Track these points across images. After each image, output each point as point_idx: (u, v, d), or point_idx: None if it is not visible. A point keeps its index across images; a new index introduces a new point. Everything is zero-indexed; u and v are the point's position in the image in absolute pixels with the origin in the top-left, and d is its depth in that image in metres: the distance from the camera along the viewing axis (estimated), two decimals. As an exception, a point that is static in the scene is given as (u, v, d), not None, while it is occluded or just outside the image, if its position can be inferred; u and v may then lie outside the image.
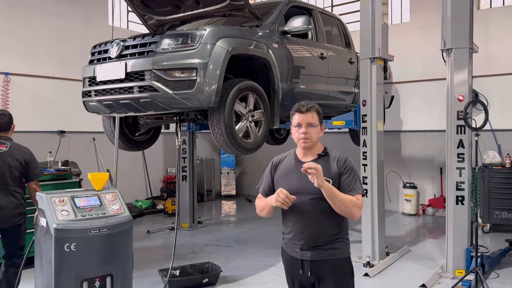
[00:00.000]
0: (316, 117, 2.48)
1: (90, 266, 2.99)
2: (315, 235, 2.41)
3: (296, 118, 2.49)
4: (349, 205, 2.32)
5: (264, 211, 2.55)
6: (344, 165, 2.44)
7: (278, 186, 2.46)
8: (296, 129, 2.49)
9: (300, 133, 2.45)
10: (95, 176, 3.38)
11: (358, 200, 2.38)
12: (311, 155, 2.50)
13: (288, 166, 2.54)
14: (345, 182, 2.40)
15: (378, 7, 5.32)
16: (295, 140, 2.51)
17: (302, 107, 2.47)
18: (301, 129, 2.46)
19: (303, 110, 2.46)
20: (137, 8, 5.04)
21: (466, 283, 4.40)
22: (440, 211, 8.22)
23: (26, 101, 7.12)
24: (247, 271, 5.10)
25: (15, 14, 7.07)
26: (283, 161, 2.60)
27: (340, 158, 2.48)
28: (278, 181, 2.53)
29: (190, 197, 7.39)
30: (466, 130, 4.75)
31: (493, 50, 7.55)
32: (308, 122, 2.45)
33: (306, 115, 2.46)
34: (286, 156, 2.63)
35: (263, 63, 4.72)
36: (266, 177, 2.66)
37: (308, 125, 2.45)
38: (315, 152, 2.51)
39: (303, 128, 2.45)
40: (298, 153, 2.57)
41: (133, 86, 4.15)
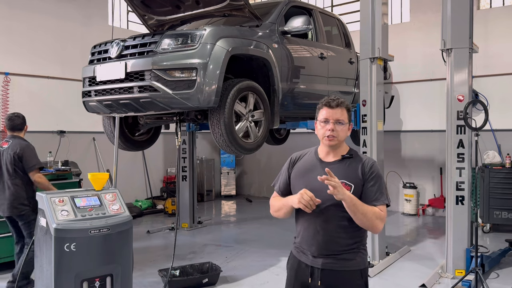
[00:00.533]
0: (346, 114, 2.26)
1: (90, 266, 2.99)
2: (328, 242, 2.20)
3: (324, 113, 2.25)
4: (371, 217, 2.11)
5: (281, 212, 2.31)
6: (370, 171, 2.22)
7: (294, 184, 2.31)
8: (322, 125, 2.25)
9: (327, 130, 2.22)
10: (95, 176, 3.38)
11: (381, 212, 2.16)
12: (334, 155, 2.28)
13: (308, 164, 2.32)
14: (369, 191, 2.18)
15: (378, 7, 5.32)
16: (320, 137, 2.28)
17: (332, 102, 2.24)
18: (328, 125, 2.22)
19: (332, 104, 2.23)
20: (137, 8, 5.04)
21: (466, 283, 4.40)
22: (440, 211, 8.22)
23: (26, 101, 7.12)
24: (247, 271, 5.10)
25: (15, 14, 7.07)
26: (302, 158, 2.38)
27: (366, 163, 2.25)
28: (295, 179, 2.33)
29: (190, 197, 7.39)
30: (466, 130, 4.75)
31: (493, 50, 7.55)
32: (337, 118, 2.22)
33: (335, 111, 2.23)
34: (306, 153, 2.40)
35: (263, 63, 4.72)
36: (283, 173, 2.44)
37: (336, 122, 2.22)
38: (339, 153, 2.29)
39: (330, 125, 2.22)
40: (320, 151, 2.34)
41: (133, 86, 4.15)
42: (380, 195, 2.19)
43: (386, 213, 2.21)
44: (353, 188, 2.16)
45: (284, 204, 2.27)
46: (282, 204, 2.30)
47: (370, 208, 2.12)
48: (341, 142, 2.27)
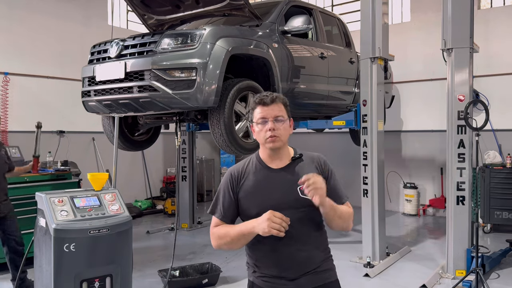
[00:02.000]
0: (284, 110, 2.00)
1: (89, 266, 2.98)
2: (306, 259, 1.94)
3: (259, 112, 1.98)
4: (348, 218, 1.97)
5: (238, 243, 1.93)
6: (326, 167, 2.03)
7: (247, 205, 1.97)
8: (260, 127, 1.97)
9: (267, 130, 1.94)
10: (94, 176, 3.37)
11: (350, 208, 2.02)
12: (281, 160, 2.00)
13: (256, 177, 1.99)
14: (333, 190, 1.97)
15: (378, 6, 5.31)
16: (260, 141, 2.00)
17: (265, 98, 1.97)
18: (267, 125, 1.95)
19: (267, 101, 1.97)
20: (137, 8, 5.03)
21: (467, 284, 4.39)
22: (441, 211, 8.21)
23: (25, 101, 7.11)
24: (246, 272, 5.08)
25: (15, 14, 7.06)
26: (246, 171, 2.03)
27: (319, 160, 2.04)
28: (247, 199, 1.97)
29: (190, 197, 7.38)
30: (466, 130, 4.74)
31: (494, 50, 7.54)
32: (275, 115, 1.96)
33: (271, 107, 1.96)
34: (247, 164, 2.05)
35: (263, 62, 4.71)
36: (225, 196, 2.03)
37: (276, 120, 1.95)
38: (286, 155, 2.02)
39: (269, 124, 1.94)
40: (264, 157, 2.03)
41: (133, 86, 4.14)
42: (342, 192, 2.04)
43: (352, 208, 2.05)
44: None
45: (243, 232, 1.89)
46: (240, 232, 1.91)
47: (343, 208, 1.97)
48: (284, 142, 2.00)
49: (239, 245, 1.95)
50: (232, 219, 2.03)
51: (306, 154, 2.07)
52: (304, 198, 1.85)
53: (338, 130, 7.59)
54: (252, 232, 1.86)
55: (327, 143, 9.04)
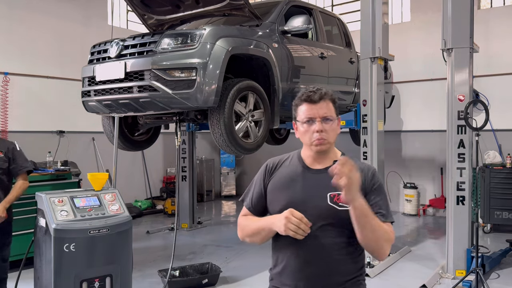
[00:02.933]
0: (332, 108, 1.78)
1: (89, 266, 2.98)
2: (321, 276, 1.71)
3: (305, 111, 1.76)
4: (381, 236, 1.64)
5: (259, 237, 1.80)
6: (373, 180, 1.76)
7: (272, 200, 1.83)
8: (306, 127, 1.76)
9: (314, 132, 1.74)
10: (94, 176, 3.37)
11: (390, 231, 1.70)
12: (324, 161, 1.81)
13: (290, 173, 1.83)
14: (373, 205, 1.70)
15: (378, 6, 5.31)
16: (306, 142, 1.80)
17: (313, 95, 1.75)
18: (314, 126, 1.74)
19: (315, 98, 1.74)
20: (137, 8, 5.03)
21: (467, 284, 4.39)
22: (441, 211, 8.21)
23: (25, 101, 7.11)
24: (247, 272, 5.08)
25: (14, 14, 7.06)
26: (282, 165, 1.89)
27: (367, 171, 1.78)
28: (273, 193, 1.83)
29: (189, 197, 7.37)
30: (466, 130, 4.74)
31: (494, 50, 7.54)
32: (323, 115, 1.74)
33: (320, 106, 1.75)
34: (286, 159, 1.91)
35: (263, 62, 4.70)
36: (256, 185, 1.91)
37: (324, 120, 1.74)
38: (330, 158, 1.81)
39: (317, 125, 1.73)
40: (306, 157, 1.85)
41: (133, 86, 4.14)
42: (387, 211, 1.74)
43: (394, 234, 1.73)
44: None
45: (263, 227, 1.76)
46: (259, 226, 1.78)
47: (381, 223, 1.66)
48: (332, 143, 1.81)
49: (259, 239, 1.81)
50: (260, 211, 1.89)
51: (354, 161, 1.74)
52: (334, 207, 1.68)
53: (338, 130, 7.58)
54: (271, 228, 1.72)
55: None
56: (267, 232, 1.76)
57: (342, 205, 1.66)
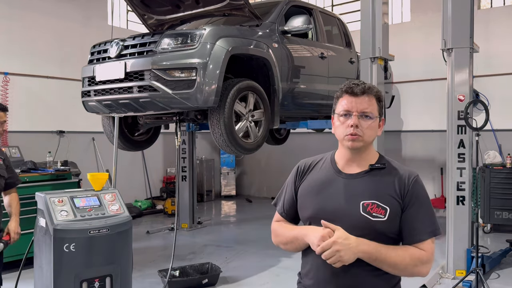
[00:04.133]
0: (375, 105, 1.63)
1: (89, 266, 2.97)
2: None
3: (344, 104, 1.63)
4: (407, 266, 1.53)
5: (292, 246, 1.70)
6: (414, 189, 1.60)
7: (303, 205, 1.70)
8: (342, 120, 1.63)
9: (348, 126, 1.60)
10: (94, 176, 3.36)
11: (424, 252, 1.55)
12: (359, 165, 1.65)
13: (322, 177, 1.69)
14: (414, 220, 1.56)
15: (378, 6, 5.30)
16: (338, 136, 1.67)
17: (355, 87, 1.61)
18: (349, 120, 1.60)
19: (356, 90, 1.61)
20: (137, 8, 5.03)
21: (467, 284, 4.38)
22: (441, 211, 8.20)
23: (25, 101, 7.10)
24: (247, 272, 5.08)
25: (14, 14, 7.05)
26: (314, 167, 1.75)
27: (407, 177, 1.62)
28: (305, 198, 1.71)
29: (189, 198, 7.37)
30: (466, 130, 4.74)
31: (494, 50, 7.53)
32: (363, 110, 1.60)
33: (360, 100, 1.61)
34: (320, 160, 1.77)
35: (263, 62, 4.70)
36: (287, 188, 1.80)
37: (362, 115, 1.60)
38: (367, 161, 1.66)
39: (353, 119, 1.59)
40: (339, 158, 1.71)
41: (133, 86, 4.14)
42: (430, 226, 1.58)
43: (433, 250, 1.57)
44: (388, 212, 1.55)
45: (297, 236, 1.66)
46: (293, 236, 1.67)
47: (403, 253, 1.54)
48: (368, 144, 1.64)
49: (294, 248, 1.70)
50: (293, 216, 1.77)
51: (394, 166, 1.67)
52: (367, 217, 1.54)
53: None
54: (304, 240, 1.61)
55: (327, 143, 9.00)
56: (300, 243, 1.65)
57: (376, 215, 1.55)
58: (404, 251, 1.55)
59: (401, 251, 1.55)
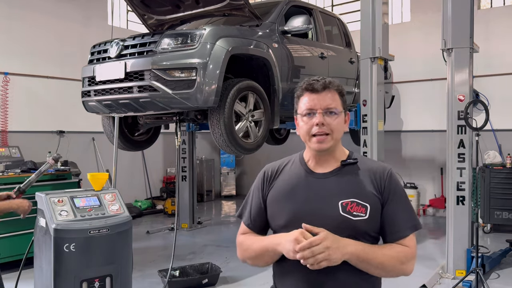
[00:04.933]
0: (339, 100, 1.55)
1: (89, 266, 2.98)
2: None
3: (306, 102, 1.53)
4: (393, 266, 1.46)
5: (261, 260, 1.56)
6: (391, 184, 1.52)
7: (274, 213, 1.56)
8: (306, 120, 1.53)
9: (313, 125, 1.51)
10: (94, 176, 3.36)
11: (408, 248, 1.49)
12: (329, 163, 1.56)
13: (292, 179, 1.57)
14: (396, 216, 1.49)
15: (378, 6, 5.30)
16: (304, 138, 1.56)
17: (315, 83, 1.53)
18: (314, 119, 1.51)
19: (317, 87, 1.53)
20: (137, 8, 5.03)
21: (467, 284, 4.39)
22: (441, 211, 8.21)
23: (25, 101, 7.10)
24: (247, 272, 5.08)
25: (14, 13, 7.05)
26: (282, 171, 1.63)
27: (381, 172, 1.54)
28: (275, 205, 1.57)
29: (189, 198, 7.37)
30: (466, 130, 4.74)
31: (494, 50, 7.53)
32: (327, 106, 1.51)
33: (323, 96, 1.52)
34: (287, 163, 1.65)
35: (263, 62, 4.70)
36: (253, 197, 1.64)
37: (326, 112, 1.51)
38: (337, 159, 1.57)
39: (318, 117, 1.50)
40: (308, 159, 1.60)
41: (133, 86, 4.14)
42: (411, 221, 1.51)
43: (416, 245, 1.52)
44: (369, 209, 1.46)
45: (267, 247, 1.51)
46: (263, 247, 1.52)
47: (389, 251, 1.47)
48: (337, 141, 1.55)
49: (263, 262, 1.56)
50: (261, 227, 1.63)
51: (365, 161, 1.60)
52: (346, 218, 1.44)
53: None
54: (276, 250, 1.47)
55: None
56: (272, 255, 1.51)
57: (357, 214, 1.46)
58: (389, 249, 1.48)
59: (386, 250, 1.48)
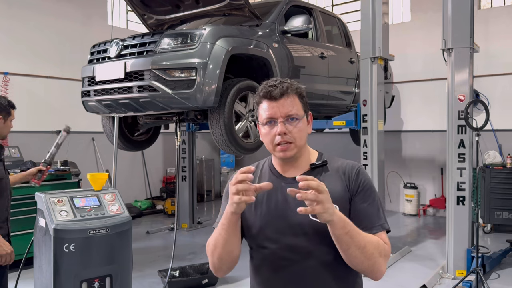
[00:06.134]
0: (299, 103, 1.49)
1: (89, 266, 2.97)
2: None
3: (265, 110, 1.48)
4: (372, 253, 1.37)
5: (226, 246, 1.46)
6: (359, 180, 1.49)
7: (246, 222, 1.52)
8: (267, 129, 1.48)
9: (275, 134, 1.46)
10: (94, 176, 3.36)
11: (385, 243, 1.43)
12: (297, 167, 1.53)
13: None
14: (363, 211, 1.45)
15: (378, 6, 5.30)
16: (268, 147, 1.52)
17: (273, 90, 1.46)
18: (275, 128, 1.46)
19: (275, 94, 1.46)
20: (137, 8, 5.02)
21: (467, 284, 4.38)
22: (441, 211, 8.20)
23: (25, 101, 7.09)
24: (247, 272, 5.06)
25: (14, 13, 7.05)
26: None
27: (350, 169, 1.51)
28: (246, 214, 1.50)
29: (189, 198, 7.37)
30: (467, 130, 4.74)
31: (494, 49, 7.53)
32: (287, 114, 1.46)
33: (281, 103, 1.46)
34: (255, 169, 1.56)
35: (263, 62, 4.70)
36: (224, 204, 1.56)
37: (287, 119, 1.46)
38: (305, 162, 1.54)
39: (279, 126, 1.45)
40: (277, 164, 1.57)
41: (133, 86, 4.14)
42: (379, 217, 1.46)
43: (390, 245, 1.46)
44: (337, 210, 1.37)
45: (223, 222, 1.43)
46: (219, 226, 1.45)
47: (370, 237, 1.40)
48: (301, 147, 1.50)
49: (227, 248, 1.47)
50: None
51: (334, 161, 1.56)
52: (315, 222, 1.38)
53: (338, 130, 7.59)
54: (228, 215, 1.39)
55: (327, 143, 9.03)
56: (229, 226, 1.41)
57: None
58: (371, 236, 1.40)
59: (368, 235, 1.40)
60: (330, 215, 1.28)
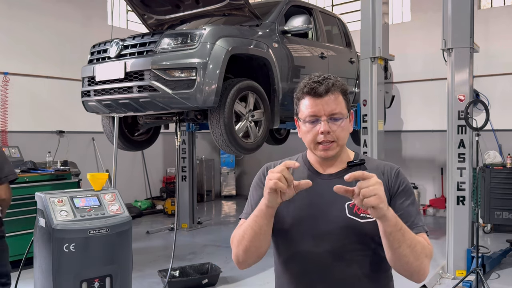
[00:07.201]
0: (343, 102, 1.44)
1: (89, 266, 2.98)
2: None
3: (308, 107, 1.43)
4: (421, 252, 1.32)
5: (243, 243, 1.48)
6: (399, 182, 1.44)
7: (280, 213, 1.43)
8: (309, 127, 1.43)
9: (318, 133, 1.41)
10: (94, 176, 3.36)
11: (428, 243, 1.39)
12: (335, 165, 1.49)
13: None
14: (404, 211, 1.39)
15: (378, 6, 5.30)
16: (309, 145, 1.47)
17: (318, 86, 1.41)
18: (318, 126, 1.41)
19: (320, 91, 1.40)
20: (137, 8, 5.02)
21: (467, 284, 4.38)
22: (441, 211, 8.20)
23: (25, 101, 7.10)
24: (247, 272, 5.07)
25: (14, 13, 7.05)
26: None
27: (389, 171, 1.47)
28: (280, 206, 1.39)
29: (189, 198, 7.37)
30: (467, 130, 4.74)
31: (494, 49, 7.53)
32: (331, 112, 1.41)
33: (326, 100, 1.41)
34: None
35: (263, 62, 4.70)
36: (254, 197, 1.54)
37: (331, 118, 1.41)
38: (343, 160, 1.50)
39: (323, 125, 1.40)
40: (312, 161, 1.52)
41: (133, 86, 4.14)
42: (420, 218, 1.42)
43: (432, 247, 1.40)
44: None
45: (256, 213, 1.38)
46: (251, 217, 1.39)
47: (416, 236, 1.34)
48: (342, 147, 1.47)
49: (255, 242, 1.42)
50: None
51: (371, 161, 1.53)
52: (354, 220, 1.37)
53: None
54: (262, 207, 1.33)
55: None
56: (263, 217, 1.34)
57: (364, 215, 1.37)
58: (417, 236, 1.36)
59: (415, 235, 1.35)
60: (385, 209, 1.21)
